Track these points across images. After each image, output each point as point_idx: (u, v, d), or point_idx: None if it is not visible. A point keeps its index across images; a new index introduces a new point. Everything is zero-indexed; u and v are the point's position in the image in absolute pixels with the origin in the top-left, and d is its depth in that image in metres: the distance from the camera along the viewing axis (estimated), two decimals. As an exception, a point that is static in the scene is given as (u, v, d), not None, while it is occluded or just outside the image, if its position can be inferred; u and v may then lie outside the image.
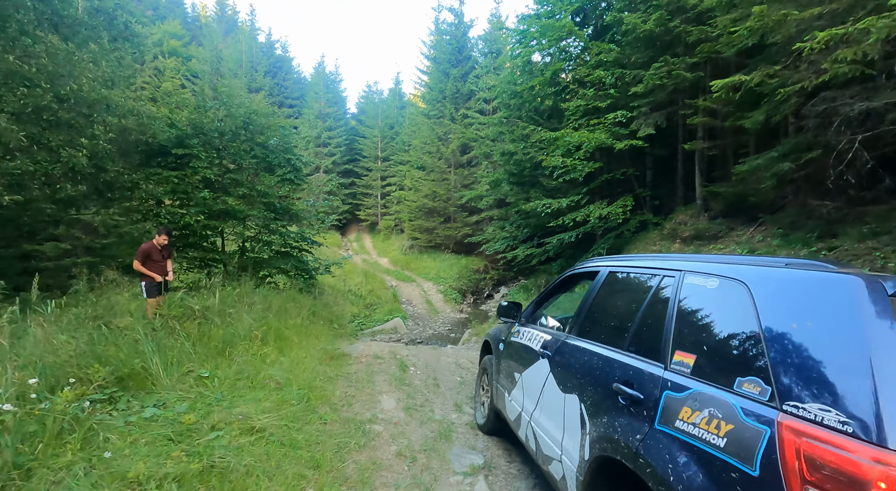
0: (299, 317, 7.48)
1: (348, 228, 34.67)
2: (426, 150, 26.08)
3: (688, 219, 10.92)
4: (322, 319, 8.19)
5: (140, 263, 5.67)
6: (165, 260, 5.90)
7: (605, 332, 2.33)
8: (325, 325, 8.04)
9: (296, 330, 6.53)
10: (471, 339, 9.88)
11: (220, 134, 8.93)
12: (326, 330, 7.74)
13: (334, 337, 7.61)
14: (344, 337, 8.44)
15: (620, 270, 2.49)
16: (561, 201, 12.48)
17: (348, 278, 19.30)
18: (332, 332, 7.94)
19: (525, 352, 3.13)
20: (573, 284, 3.46)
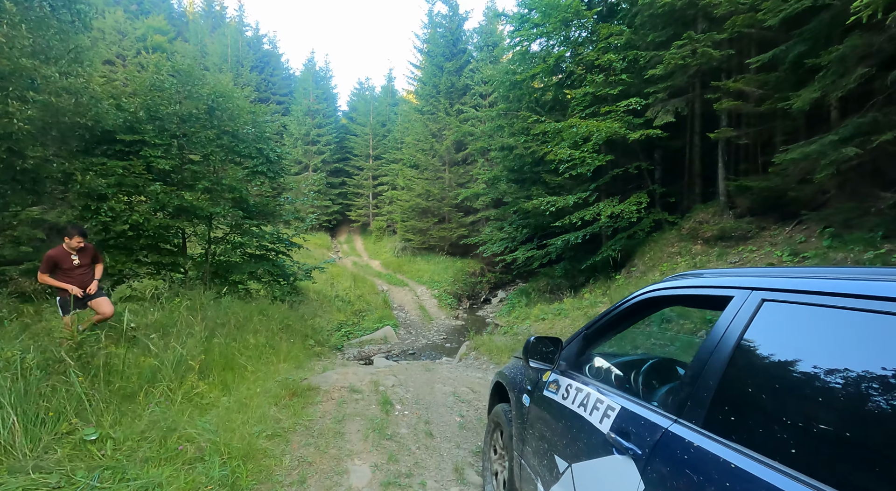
0: (265, 333, 6.24)
1: (339, 230, 33.37)
2: (419, 148, 24.90)
3: (709, 217, 9.81)
4: (296, 335, 6.96)
5: (46, 273, 4.44)
6: (85, 267, 4.66)
7: (792, 434, 1.07)
8: (298, 341, 6.80)
9: (256, 352, 5.31)
10: (469, 353, 8.68)
11: (179, 119, 7.69)
12: (299, 348, 6.51)
13: (307, 357, 6.39)
14: (322, 355, 7.22)
15: (799, 294, 1.25)
16: (567, 199, 11.34)
17: (336, 282, 18.05)
18: (306, 351, 6.71)
19: (576, 427, 1.90)
20: (651, 310, 2.26)
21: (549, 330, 9.18)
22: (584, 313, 9.32)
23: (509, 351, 7.88)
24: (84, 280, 4.63)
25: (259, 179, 8.58)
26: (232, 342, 5.13)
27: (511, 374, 2.92)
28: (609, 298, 9.08)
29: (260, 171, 8.57)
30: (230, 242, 9.09)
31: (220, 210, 7.47)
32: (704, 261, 8.83)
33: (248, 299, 8.27)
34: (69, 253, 4.52)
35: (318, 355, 7.05)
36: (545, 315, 10.24)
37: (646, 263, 10.40)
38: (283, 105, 33.94)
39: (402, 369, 6.42)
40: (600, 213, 10.62)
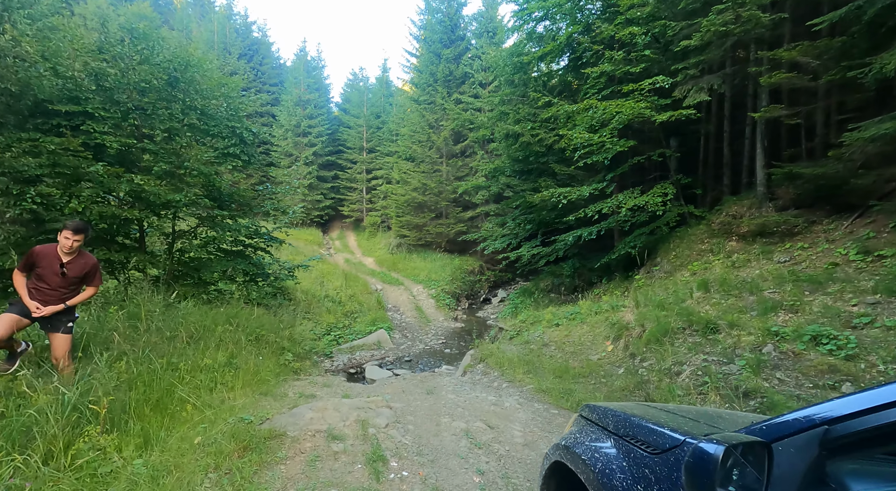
0: (229, 347, 5.04)
1: (331, 225, 32.07)
2: (416, 140, 23.66)
3: (744, 211, 8.71)
4: (269, 348, 5.76)
5: (21, 271, 3.26)
6: (70, 285, 3.43)
7: None
8: (271, 356, 5.61)
9: (209, 376, 4.11)
10: (475, 365, 7.52)
11: (133, 89, 6.44)
12: (271, 366, 5.32)
13: (280, 378, 5.19)
14: (301, 372, 6.02)
15: None
16: (581, 190, 10.19)
17: (326, 281, 16.82)
18: (281, 369, 5.51)
19: None
20: None
21: (566, 339, 8.04)
22: (605, 319, 8.18)
23: (524, 365, 6.73)
24: (50, 297, 3.39)
25: (230, 162, 7.34)
26: (177, 365, 3.92)
27: (603, 467, 1.61)
28: (635, 301, 7.95)
29: (232, 153, 7.34)
30: (199, 237, 7.87)
31: (180, 198, 6.22)
32: (743, 259, 7.71)
33: (218, 303, 7.05)
34: (58, 257, 3.29)
35: (297, 373, 5.86)
36: (558, 320, 9.11)
37: (671, 261, 9.28)
38: (273, 95, 32.52)
39: (399, 392, 5.24)
40: (620, 205, 9.48)
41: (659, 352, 6.02)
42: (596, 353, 7.25)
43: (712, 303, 6.59)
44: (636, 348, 6.57)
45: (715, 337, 5.58)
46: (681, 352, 5.68)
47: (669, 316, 6.55)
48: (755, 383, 4.27)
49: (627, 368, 6.35)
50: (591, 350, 7.40)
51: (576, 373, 6.40)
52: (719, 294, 6.78)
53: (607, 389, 5.63)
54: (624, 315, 8.01)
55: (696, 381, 4.91)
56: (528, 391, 5.66)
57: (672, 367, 5.47)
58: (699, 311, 6.45)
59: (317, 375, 6.31)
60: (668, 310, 7.00)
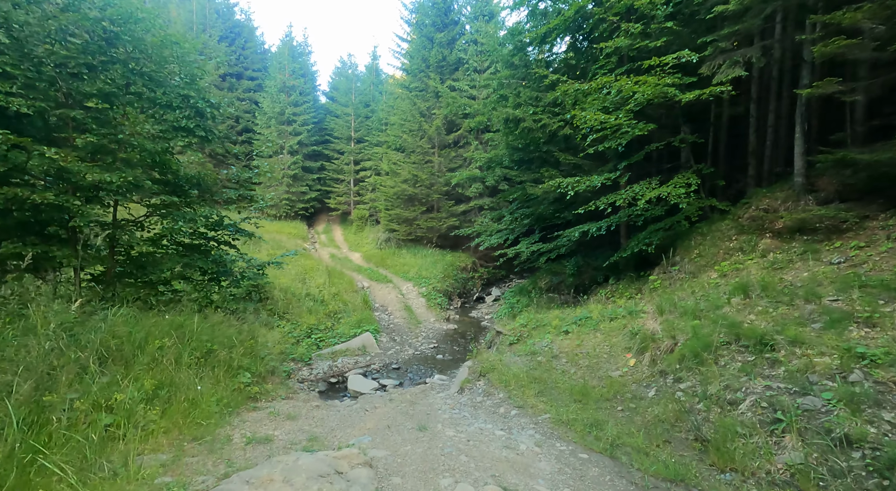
0: (162, 371, 3.85)
1: (317, 218, 30.67)
2: (406, 129, 22.38)
3: (778, 204, 7.70)
4: (222, 367, 4.57)
5: None
6: None
7: None
8: (223, 377, 4.42)
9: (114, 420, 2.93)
10: (474, 381, 6.41)
11: (54, 41, 5.15)
12: (219, 393, 4.13)
13: (229, 409, 4.01)
14: (261, 397, 4.84)
15: None
16: (592, 179, 9.11)
17: (309, 278, 15.56)
18: (231, 396, 4.33)
19: None
20: None
21: (579, 349, 6.96)
22: (621, 327, 7.12)
23: (534, 384, 5.64)
24: None
25: (181, 139, 6.07)
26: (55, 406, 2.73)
27: None
28: (657, 307, 6.91)
29: (184, 127, 6.07)
30: (148, 229, 6.62)
31: (114, 179, 4.97)
32: (784, 260, 6.70)
33: (167, 309, 5.82)
34: None
35: (256, 399, 4.69)
36: (566, 326, 8.04)
37: (694, 260, 8.25)
38: (256, 81, 30.90)
39: (383, 429, 4.10)
40: (636, 197, 8.41)
41: (700, 372, 4.97)
42: (616, 367, 6.19)
43: (758, 312, 5.55)
44: (668, 365, 5.51)
45: (773, 356, 4.53)
46: (730, 374, 4.63)
47: (708, 327, 5.50)
48: (858, 429, 3.22)
49: (659, 388, 5.29)
50: (610, 364, 6.33)
51: (598, 395, 5.33)
52: (765, 301, 5.75)
53: (642, 420, 4.56)
54: (645, 323, 6.96)
55: (763, 416, 3.85)
56: (546, 423, 4.56)
57: (723, 393, 4.41)
58: (743, 321, 5.41)
59: (283, 398, 5.13)
60: (703, 319, 5.96)
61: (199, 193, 6.93)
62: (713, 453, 3.64)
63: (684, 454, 3.80)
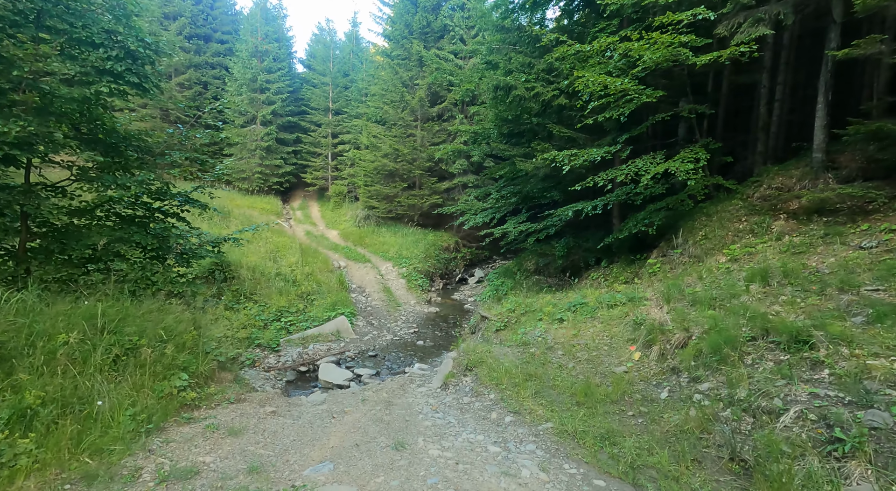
0: (57, 378, 2.92)
1: (293, 194, 29.22)
2: (387, 100, 21.05)
3: (793, 182, 7.05)
4: (149, 367, 3.64)
5: None
6: None
7: None
8: (147, 383, 3.50)
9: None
10: (459, 375, 5.64)
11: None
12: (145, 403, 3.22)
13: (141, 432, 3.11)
14: (200, 404, 3.95)
15: None
16: (591, 152, 8.27)
17: (281, 256, 14.49)
18: (158, 405, 3.42)
19: None
20: None
21: (575, 340, 6.25)
22: (622, 315, 6.43)
23: (529, 382, 4.89)
24: None
25: (108, 84, 4.93)
26: None
27: None
28: (663, 295, 6.23)
29: (110, 70, 4.93)
30: (72, 195, 5.53)
31: (9, 129, 3.88)
32: (803, 243, 6.06)
33: (96, 292, 4.81)
34: None
35: (193, 406, 3.79)
36: (560, 313, 7.32)
37: (699, 243, 7.59)
38: (226, 44, 28.78)
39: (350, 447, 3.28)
40: (639, 173, 7.64)
41: (723, 372, 4.29)
42: (619, 362, 5.50)
43: (783, 302, 4.88)
44: (681, 362, 4.83)
45: (813, 355, 3.86)
46: (762, 376, 3.95)
47: (728, 318, 4.82)
48: (954, 457, 2.54)
49: (673, 389, 4.61)
50: (612, 358, 5.64)
51: (602, 395, 4.61)
52: (789, 289, 5.09)
53: (660, 431, 3.86)
54: (649, 311, 6.28)
55: (813, 432, 3.17)
56: (548, 435, 3.82)
57: (755, 400, 3.73)
58: (767, 312, 4.74)
59: (231, 401, 4.24)
60: (719, 308, 5.28)
61: (138, 156, 5.83)
62: (759, 481, 2.95)
63: (721, 480, 3.11)
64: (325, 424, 3.91)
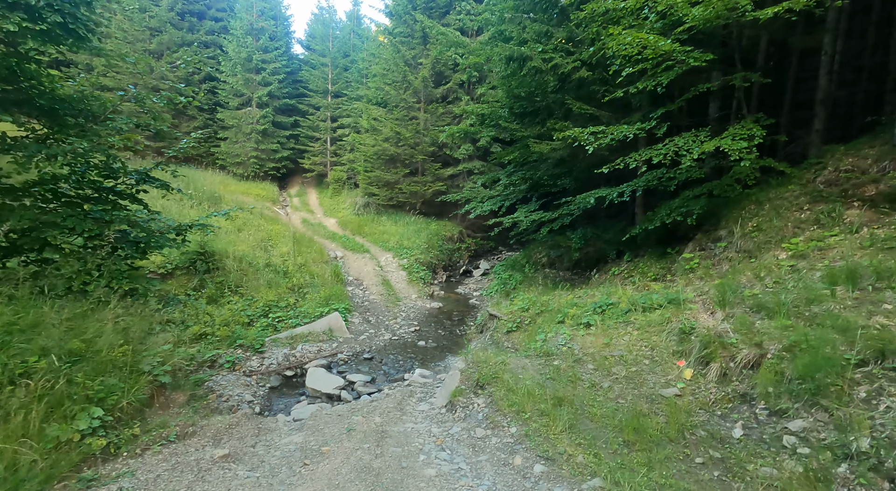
0: None
1: (290, 180, 28.09)
2: (389, 80, 19.78)
3: (869, 164, 5.92)
4: (44, 400, 2.58)
5: None
6: None
7: None
8: (37, 424, 2.44)
9: None
10: (471, 396, 4.60)
11: None
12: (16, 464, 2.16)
13: None
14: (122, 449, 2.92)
15: None
16: (622, 129, 7.13)
17: (273, 245, 13.46)
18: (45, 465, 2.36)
19: None
20: None
21: (608, 351, 5.19)
22: (663, 320, 5.36)
23: (564, 411, 3.83)
24: None
25: (16, 23, 3.82)
26: None
27: None
28: (718, 297, 5.15)
29: (19, 1, 3.80)
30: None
31: None
32: (890, 238, 4.94)
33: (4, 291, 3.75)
34: None
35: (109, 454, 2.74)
36: (587, 316, 6.25)
37: (750, 235, 6.47)
38: (220, 22, 27.37)
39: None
40: (680, 153, 6.50)
41: (821, 407, 3.23)
42: (666, 381, 4.45)
43: (889, 312, 3.79)
44: (755, 388, 3.78)
45: None
46: (889, 419, 2.88)
47: (816, 332, 3.74)
48: None
49: (748, 425, 3.56)
50: (657, 375, 4.59)
51: (655, 431, 3.57)
52: (891, 294, 4.00)
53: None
54: (697, 317, 5.21)
55: None
56: (597, 500, 2.77)
57: (886, 454, 2.67)
58: (870, 325, 3.66)
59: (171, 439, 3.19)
60: (797, 317, 4.20)
61: (76, 122, 4.74)
62: None
63: None
64: (291, 478, 2.89)
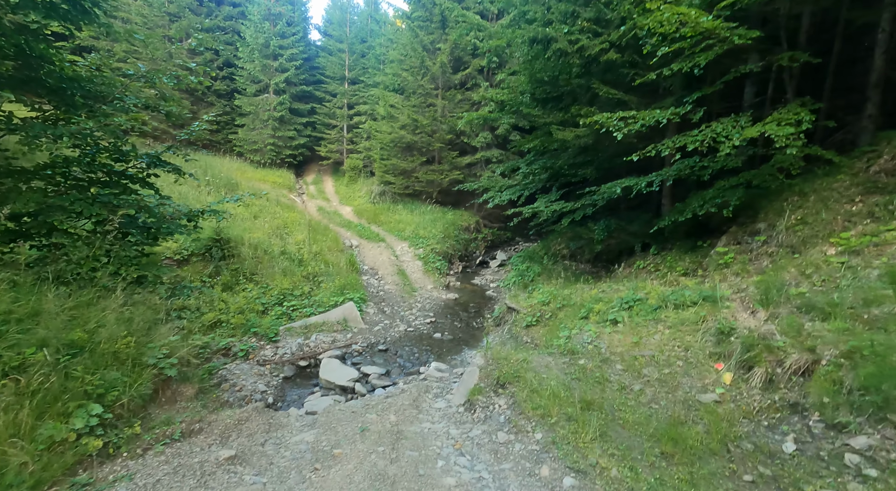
0: None
1: (307, 168, 28.01)
2: (407, 65, 19.39)
3: (931, 153, 5.38)
4: (38, 397, 2.39)
5: None
6: None
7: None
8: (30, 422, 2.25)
9: None
10: (491, 395, 4.33)
11: None
12: None
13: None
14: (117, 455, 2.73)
15: None
16: (654, 114, 6.69)
17: (288, 233, 13.35)
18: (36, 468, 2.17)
19: None
20: None
21: (637, 350, 4.87)
22: (697, 319, 5.00)
23: (593, 416, 3.55)
24: None
25: None
26: None
27: None
28: (755, 294, 4.76)
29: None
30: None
31: None
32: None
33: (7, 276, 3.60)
34: None
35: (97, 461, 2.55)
36: (613, 312, 5.91)
37: (794, 229, 6.02)
38: (238, 7, 27.18)
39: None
40: (717, 139, 6.04)
41: (889, 423, 2.87)
42: (703, 385, 4.12)
43: (965, 317, 3.38)
44: (807, 397, 3.43)
45: None
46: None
47: (880, 337, 3.36)
48: None
49: (800, 438, 3.22)
50: (692, 379, 4.25)
51: (696, 441, 3.25)
52: (966, 298, 3.57)
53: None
54: (736, 316, 4.84)
55: None
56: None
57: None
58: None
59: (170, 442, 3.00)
60: (854, 320, 3.81)
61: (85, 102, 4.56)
62: None
63: None
64: (300, 486, 2.67)
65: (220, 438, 3.25)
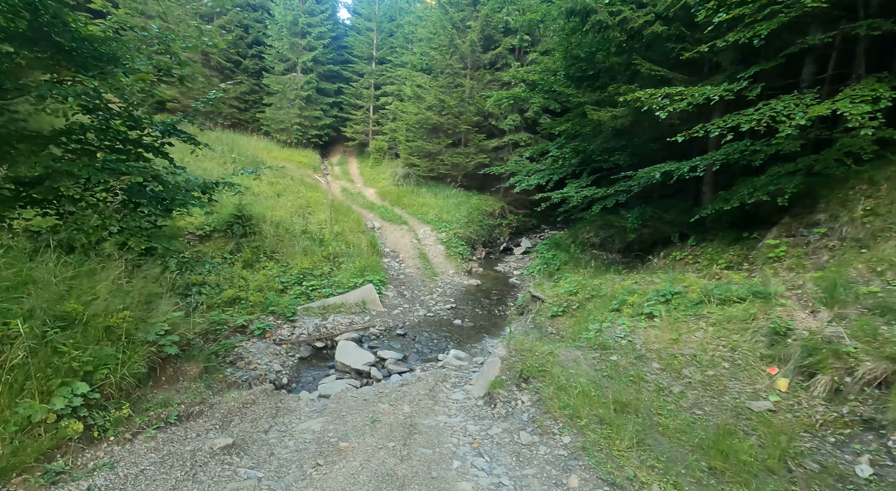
0: None
1: (332, 149, 27.89)
2: (435, 44, 18.80)
3: None
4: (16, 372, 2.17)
5: None
6: None
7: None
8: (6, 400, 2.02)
9: None
10: (514, 390, 3.99)
11: None
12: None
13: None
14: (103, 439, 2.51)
15: None
16: (704, 90, 6.07)
17: (311, 213, 13.20)
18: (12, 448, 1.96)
19: None
20: None
21: (675, 348, 4.42)
22: (745, 316, 4.50)
23: (629, 420, 3.16)
24: None
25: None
26: None
27: None
28: (816, 292, 4.23)
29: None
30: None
31: None
32: None
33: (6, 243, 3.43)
34: None
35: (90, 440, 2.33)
36: (649, 306, 5.45)
37: (861, 221, 5.38)
38: (267, -15, 26.95)
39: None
40: (777, 118, 5.40)
41: None
42: (754, 391, 3.66)
43: None
44: (884, 413, 2.94)
45: None
46: None
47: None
48: None
49: (876, 460, 2.75)
50: (741, 383, 3.79)
51: (750, 456, 2.83)
52: None
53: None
54: (792, 315, 4.32)
55: None
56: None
57: None
58: None
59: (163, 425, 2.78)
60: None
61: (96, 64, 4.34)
62: None
63: None
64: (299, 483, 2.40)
65: (220, 422, 3.03)
